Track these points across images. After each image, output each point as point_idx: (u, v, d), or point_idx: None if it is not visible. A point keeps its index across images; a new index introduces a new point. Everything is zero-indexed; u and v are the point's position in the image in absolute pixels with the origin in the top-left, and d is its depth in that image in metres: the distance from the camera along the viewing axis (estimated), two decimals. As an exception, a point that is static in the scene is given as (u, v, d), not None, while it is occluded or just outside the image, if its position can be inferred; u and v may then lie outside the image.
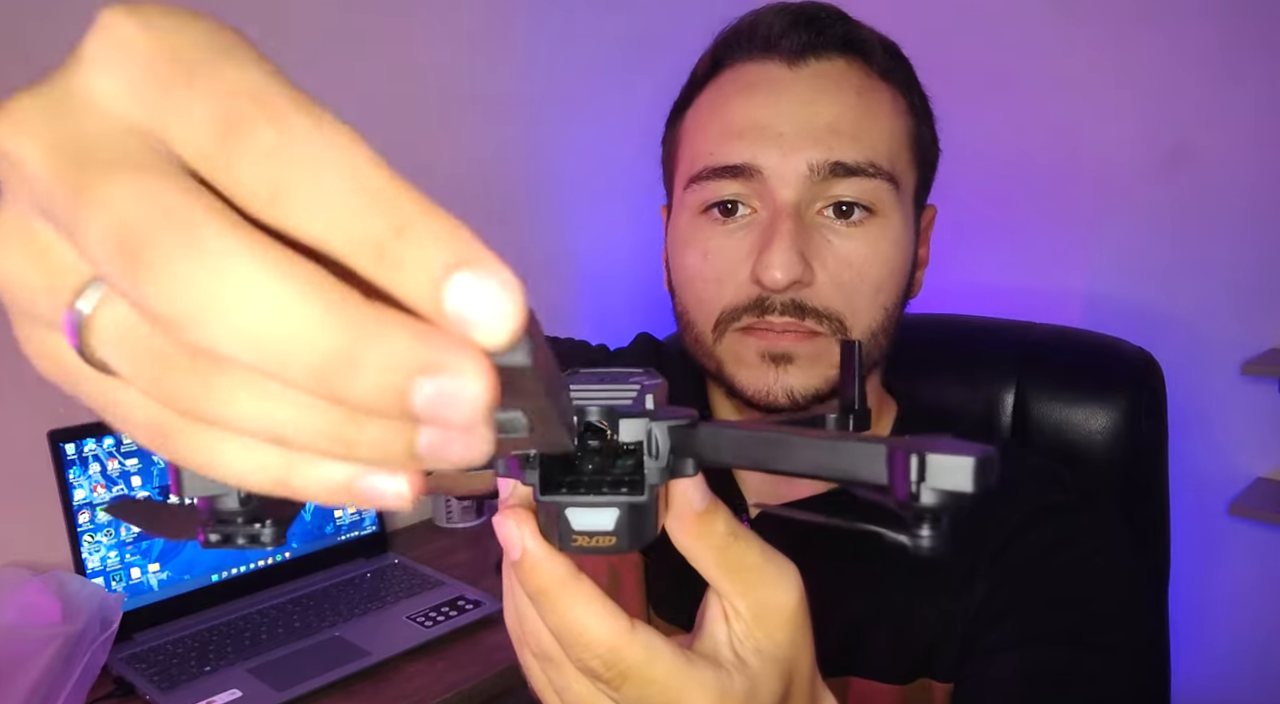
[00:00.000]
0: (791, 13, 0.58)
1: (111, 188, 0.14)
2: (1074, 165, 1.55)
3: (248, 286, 0.13)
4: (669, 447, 0.25)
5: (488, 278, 0.14)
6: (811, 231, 0.55)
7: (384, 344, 0.14)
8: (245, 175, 0.14)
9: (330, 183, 0.14)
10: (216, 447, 0.16)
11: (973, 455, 0.20)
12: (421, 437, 0.15)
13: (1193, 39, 1.41)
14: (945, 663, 0.57)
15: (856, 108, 0.56)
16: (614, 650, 0.28)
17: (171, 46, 0.15)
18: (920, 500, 0.20)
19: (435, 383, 0.14)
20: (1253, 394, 1.42)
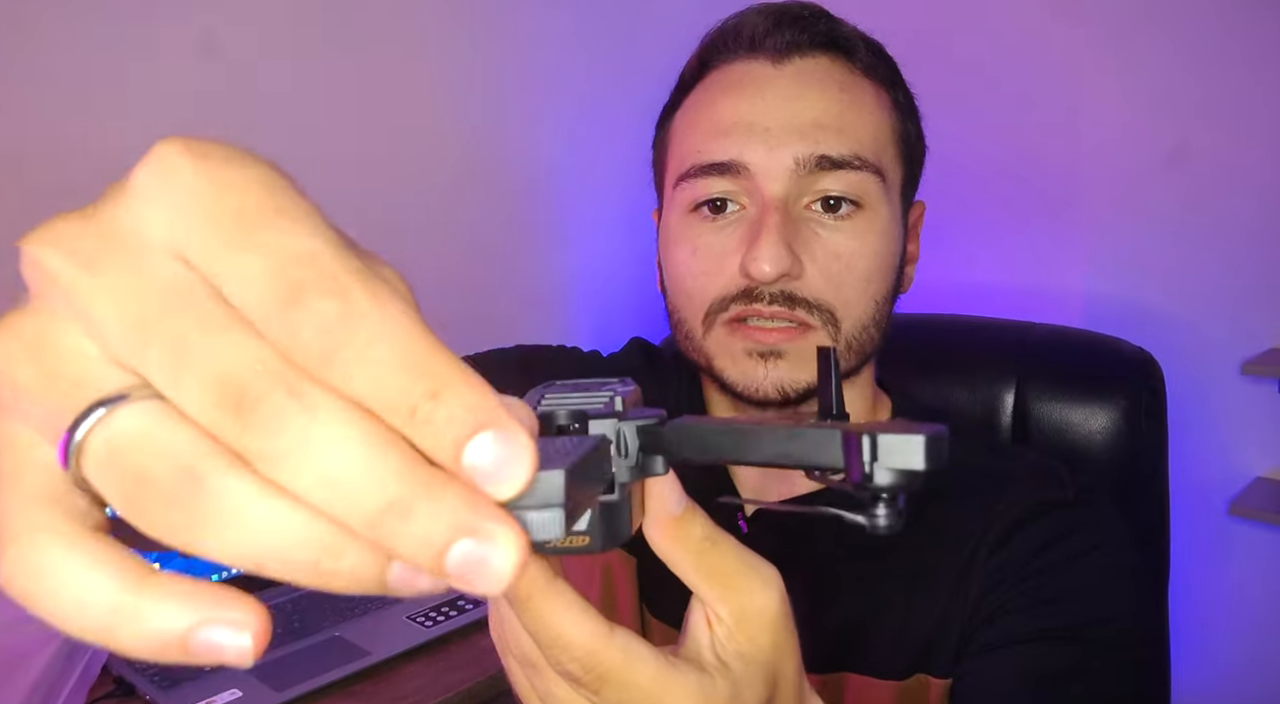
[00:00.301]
0: (775, 13, 0.59)
1: (215, 341, 0.16)
2: (1074, 165, 1.55)
3: (341, 437, 0.16)
4: (638, 445, 0.25)
5: (504, 440, 0.16)
6: (799, 225, 0.56)
7: (438, 503, 0.16)
8: (305, 340, 0.16)
9: (381, 352, 0.16)
10: (55, 574, 0.16)
11: (922, 434, 0.21)
12: (394, 570, 0.17)
13: (1193, 39, 1.41)
14: (942, 659, 0.57)
15: (840, 103, 0.57)
16: (592, 654, 0.28)
17: (232, 199, 0.16)
18: (874, 480, 0.21)
19: (474, 547, 0.16)
20: (1253, 394, 1.42)
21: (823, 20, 0.59)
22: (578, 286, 1.70)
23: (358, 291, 0.16)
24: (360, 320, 0.16)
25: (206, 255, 0.16)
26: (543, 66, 1.58)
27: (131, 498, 0.16)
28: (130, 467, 0.16)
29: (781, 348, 0.56)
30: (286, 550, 0.16)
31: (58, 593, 0.16)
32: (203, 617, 0.16)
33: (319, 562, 0.16)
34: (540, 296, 1.65)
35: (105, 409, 0.16)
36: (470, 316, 1.43)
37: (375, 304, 0.16)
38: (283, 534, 0.16)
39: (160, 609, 0.16)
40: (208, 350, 0.16)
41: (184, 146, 0.17)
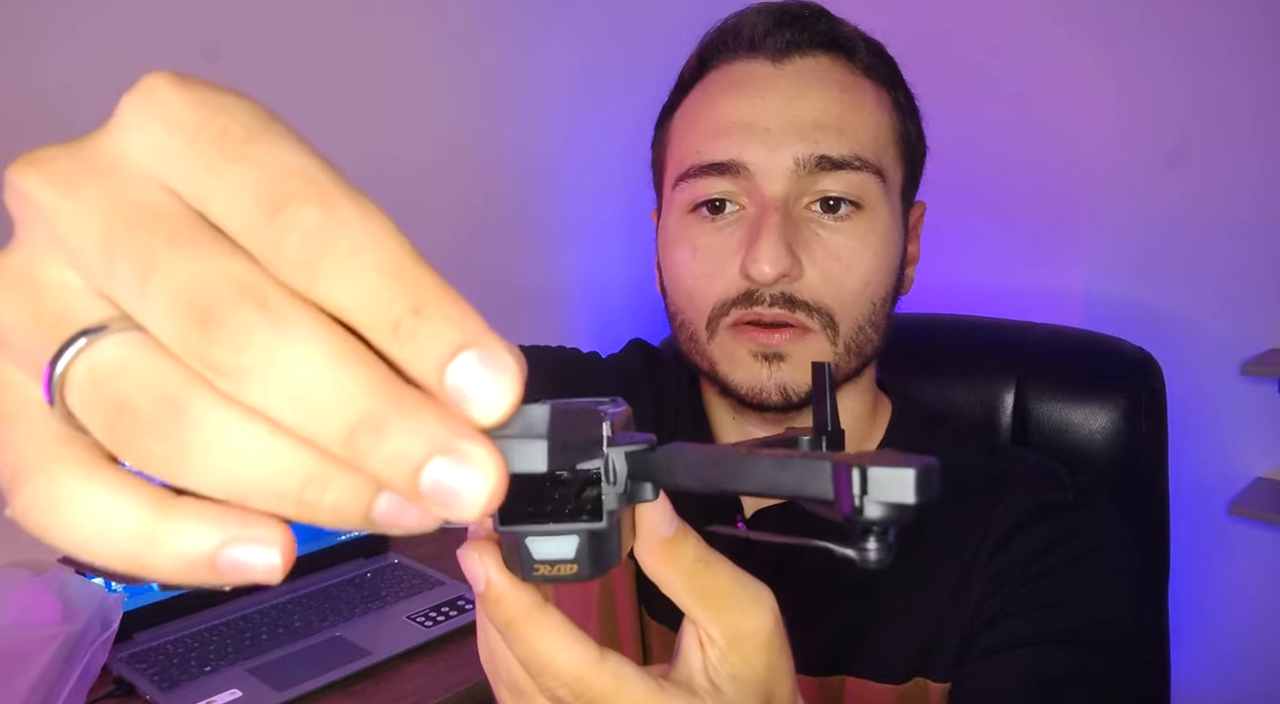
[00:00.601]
0: (775, 12, 0.59)
1: (181, 256, 0.15)
2: (1074, 165, 1.55)
3: (310, 351, 0.15)
4: (626, 472, 0.25)
5: (489, 361, 0.16)
6: (799, 226, 0.56)
7: (414, 420, 0.15)
8: (288, 249, 0.16)
9: (364, 262, 0.16)
10: (76, 504, 0.16)
11: (913, 467, 0.20)
12: (380, 502, 0.16)
13: (1193, 39, 1.41)
14: (942, 663, 0.57)
15: (841, 103, 0.56)
16: (581, 679, 0.28)
17: (217, 121, 0.16)
18: (864, 514, 0.20)
19: (449, 466, 0.15)
20: (1253, 394, 1.42)
21: (823, 20, 0.59)
22: (577, 287, 1.70)
23: (344, 202, 0.16)
24: (345, 230, 0.16)
25: (191, 176, 0.16)
26: (541, 66, 1.58)
27: (114, 428, 0.16)
28: (112, 396, 0.16)
29: (784, 350, 0.56)
30: (270, 479, 0.16)
31: (80, 523, 0.16)
32: (230, 535, 0.16)
33: (303, 491, 0.16)
34: (539, 297, 1.65)
35: (86, 339, 0.16)
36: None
37: (361, 215, 0.16)
38: (265, 462, 0.16)
39: (187, 529, 0.16)
40: (173, 264, 0.15)
41: (170, 76, 0.17)
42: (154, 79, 0.17)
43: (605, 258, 1.71)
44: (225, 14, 1.22)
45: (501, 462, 0.16)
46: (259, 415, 0.16)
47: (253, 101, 0.17)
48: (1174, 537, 0.84)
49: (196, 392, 0.16)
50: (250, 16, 1.24)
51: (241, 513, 0.16)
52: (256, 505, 0.16)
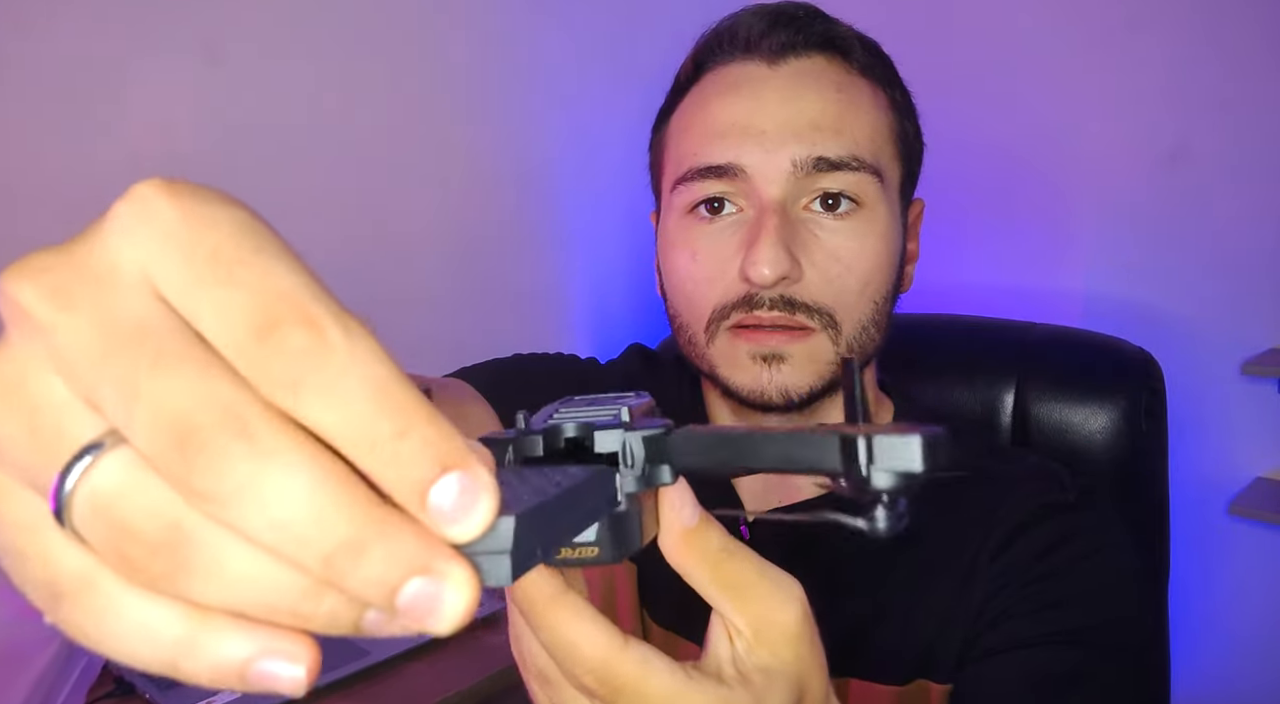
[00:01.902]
0: (770, 14, 0.59)
1: (167, 379, 0.16)
2: (1074, 165, 1.55)
3: (289, 479, 0.16)
4: (644, 455, 0.25)
5: (469, 483, 0.16)
6: (798, 227, 0.56)
7: (391, 543, 0.16)
8: (275, 371, 0.16)
9: (348, 384, 0.16)
10: (119, 615, 0.17)
11: (919, 435, 0.21)
12: (369, 614, 0.17)
13: (1193, 39, 1.41)
14: (944, 664, 0.57)
15: (837, 103, 0.56)
16: (606, 665, 0.28)
17: (210, 237, 0.17)
18: (872, 483, 0.21)
19: (425, 585, 0.16)
20: (1253, 394, 1.42)
21: (818, 20, 0.59)
22: (576, 291, 1.70)
23: (331, 325, 0.16)
24: (331, 353, 0.16)
25: (183, 292, 0.17)
26: (540, 67, 1.58)
27: (121, 551, 0.16)
28: (115, 520, 0.16)
29: (784, 351, 0.56)
30: (266, 596, 0.16)
31: (125, 633, 0.17)
32: (261, 648, 0.17)
33: (297, 606, 0.17)
34: (538, 302, 1.64)
35: (87, 460, 0.16)
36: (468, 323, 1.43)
37: (347, 338, 0.16)
38: (261, 580, 0.16)
39: (222, 642, 0.17)
40: (158, 387, 0.16)
41: (162, 186, 0.17)
42: (146, 188, 0.17)
43: (605, 262, 1.71)
44: (225, 17, 1.22)
45: (475, 578, 0.16)
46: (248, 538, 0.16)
47: (244, 211, 0.17)
48: (1174, 537, 0.84)
49: (194, 515, 0.16)
50: (248, 20, 1.24)
51: (272, 628, 0.17)
52: (257, 617, 0.17)
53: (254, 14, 1.25)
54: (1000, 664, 0.54)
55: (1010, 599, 0.55)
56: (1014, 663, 0.53)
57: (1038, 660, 0.53)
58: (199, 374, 0.16)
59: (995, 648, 0.54)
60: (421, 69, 1.44)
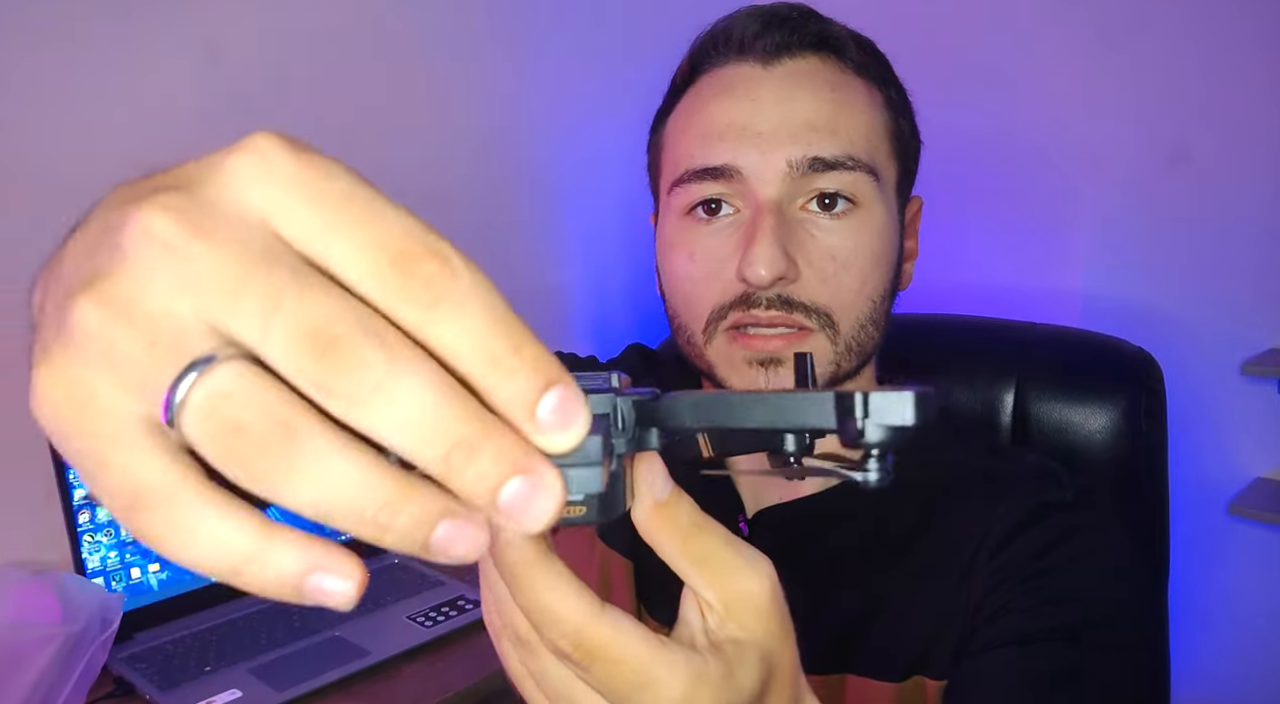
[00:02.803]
0: (764, 15, 0.59)
1: (307, 294, 0.18)
2: (1074, 165, 1.55)
3: (418, 383, 0.18)
4: (634, 419, 0.26)
5: (570, 399, 0.19)
6: (794, 227, 0.56)
7: (500, 444, 0.18)
8: (412, 293, 0.18)
9: (475, 306, 0.19)
10: (195, 526, 0.18)
11: (911, 391, 0.22)
12: (439, 529, 0.19)
13: (1194, 39, 1.41)
14: (941, 661, 0.57)
15: (832, 103, 0.57)
16: (580, 630, 0.28)
17: (333, 186, 0.19)
18: (866, 436, 0.22)
19: (523, 486, 0.18)
20: (1253, 394, 1.42)
21: (812, 20, 0.59)
22: (576, 292, 1.70)
23: (455, 258, 0.19)
24: (459, 280, 0.19)
25: (311, 233, 0.19)
26: (540, 68, 1.58)
27: (229, 448, 0.18)
28: (228, 419, 0.18)
29: (781, 355, 0.56)
30: (354, 500, 0.18)
31: (197, 542, 0.18)
32: (317, 563, 0.18)
33: (379, 513, 0.18)
34: (538, 303, 1.64)
35: (202, 367, 0.18)
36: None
37: (469, 270, 0.19)
38: (354, 484, 0.18)
39: (283, 556, 0.18)
40: (300, 300, 0.18)
41: (279, 139, 0.19)
42: (262, 140, 0.19)
43: (604, 262, 1.71)
44: (228, 17, 1.22)
45: (564, 483, 0.19)
46: (357, 441, 0.18)
47: (353, 170, 0.20)
48: (1174, 537, 0.84)
49: (306, 416, 0.18)
50: (251, 21, 1.24)
51: (328, 546, 0.19)
52: (339, 524, 0.18)
53: (254, 15, 1.25)
54: (996, 660, 0.54)
55: (1008, 596, 0.55)
56: (1010, 659, 0.53)
57: (1034, 657, 0.53)
58: (333, 294, 0.18)
59: (991, 643, 0.54)
60: (422, 70, 1.44)
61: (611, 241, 1.70)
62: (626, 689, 0.28)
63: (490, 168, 1.53)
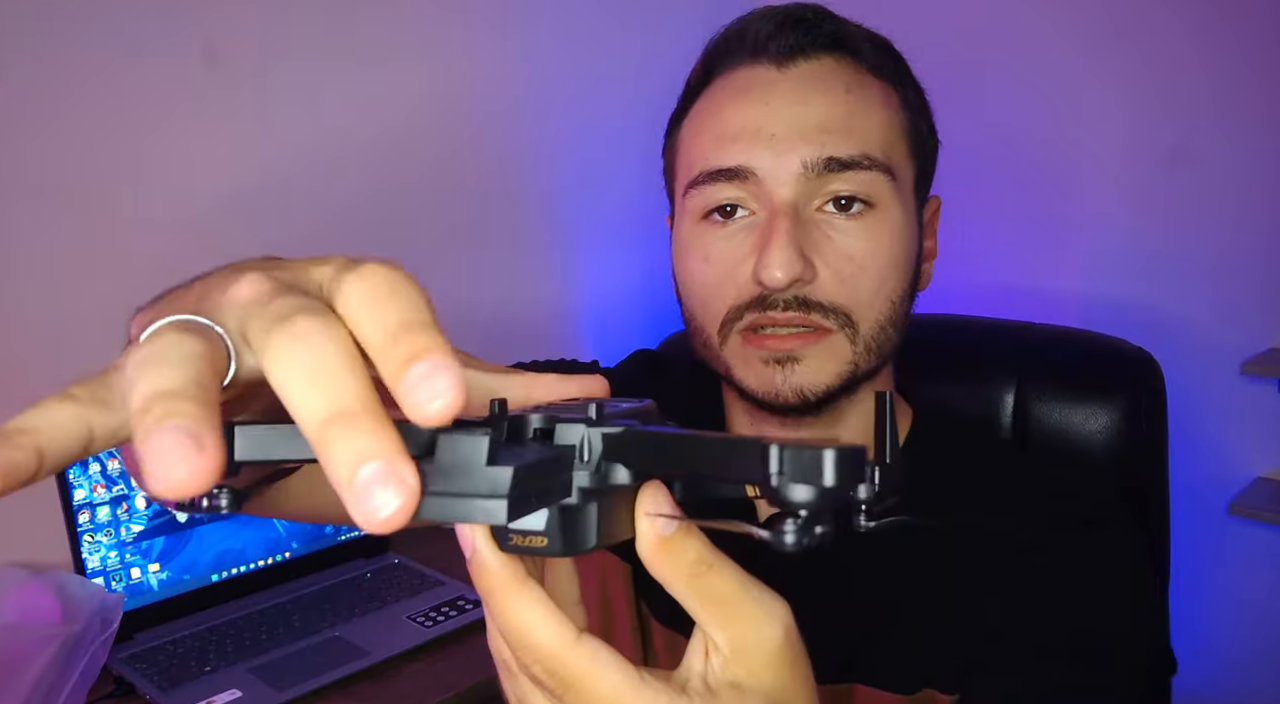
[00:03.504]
0: (778, 16, 0.59)
1: (311, 318, 0.23)
2: (1074, 165, 1.55)
3: (331, 353, 0.22)
4: (600, 451, 0.25)
5: (437, 370, 0.21)
6: (810, 228, 0.56)
7: (377, 424, 0.21)
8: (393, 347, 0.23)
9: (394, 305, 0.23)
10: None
11: (833, 449, 0.20)
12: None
13: (1194, 39, 1.41)
14: (952, 675, 0.56)
15: (847, 104, 0.56)
16: (555, 657, 0.27)
17: (391, 304, 0.23)
18: (783, 494, 0.20)
19: (382, 470, 0.20)
20: (1253, 394, 1.42)
21: (826, 21, 0.59)
22: (580, 296, 1.70)
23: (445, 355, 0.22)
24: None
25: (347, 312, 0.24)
26: (544, 69, 1.58)
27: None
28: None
29: (798, 353, 0.56)
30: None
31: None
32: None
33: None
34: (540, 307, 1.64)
35: None
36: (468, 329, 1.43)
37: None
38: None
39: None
40: (302, 322, 0.22)
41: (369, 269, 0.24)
42: (365, 268, 0.24)
43: (611, 266, 1.70)
44: (225, 17, 1.22)
45: (418, 488, 0.20)
46: (359, 358, 0.22)
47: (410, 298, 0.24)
48: (1174, 537, 0.84)
49: (324, 314, 0.23)
50: (249, 21, 1.24)
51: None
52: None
53: (253, 17, 1.25)
54: (1008, 675, 0.53)
55: (1021, 610, 0.55)
56: (1021, 675, 0.53)
57: (1047, 674, 0.52)
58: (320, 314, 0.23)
59: (1003, 658, 0.54)
60: (422, 72, 1.44)
61: (617, 243, 1.70)
62: None
63: (491, 168, 1.53)
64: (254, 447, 0.25)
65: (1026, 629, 0.54)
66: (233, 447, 0.24)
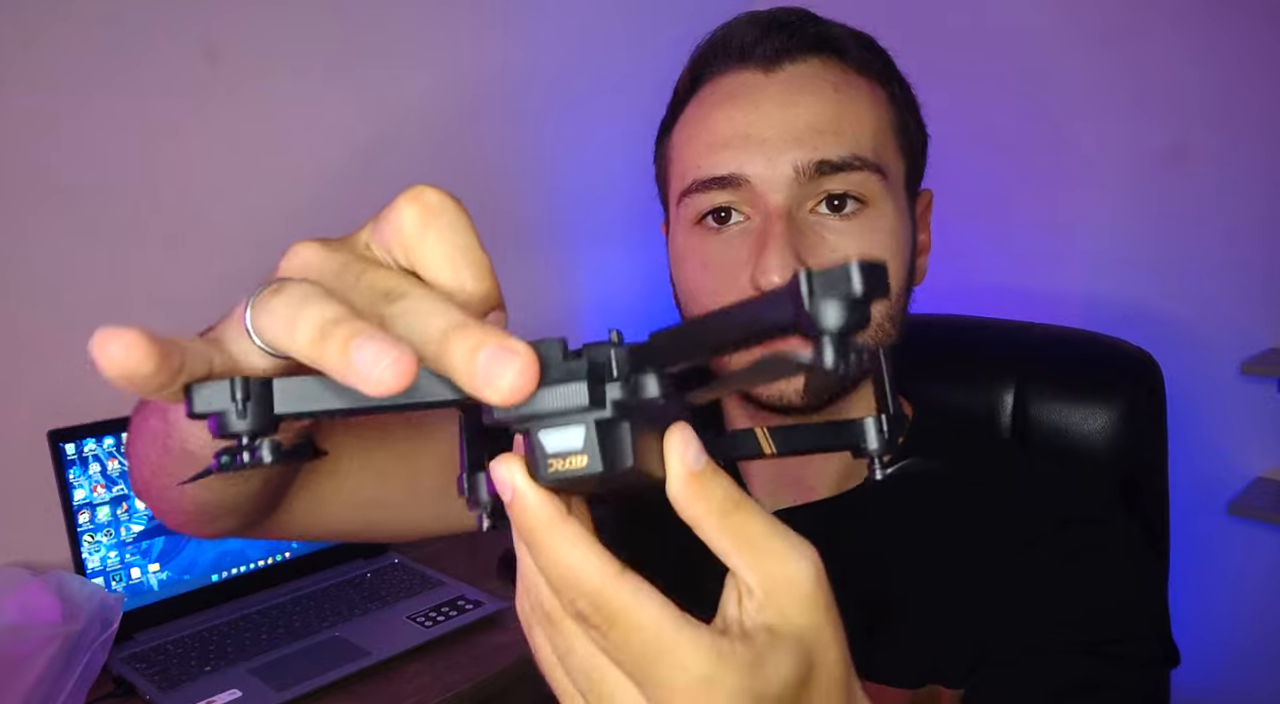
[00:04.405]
0: (762, 20, 0.59)
1: (385, 274, 0.28)
2: (1074, 165, 1.55)
3: (431, 300, 0.26)
4: (629, 365, 0.26)
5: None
6: (805, 231, 0.56)
7: (484, 330, 0.25)
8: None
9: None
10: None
11: (856, 260, 0.21)
12: (360, 342, 0.23)
13: (1194, 39, 1.41)
14: (956, 669, 0.56)
15: (835, 104, 0.57)
16: (600, 591, 0.27)
17: (435, 228, 0.29)
18: (819, 315, 0.21)
19: (499, 350, 0.24)
20: (1253, 394, 1.42)
21: (810, 23, 0.59)
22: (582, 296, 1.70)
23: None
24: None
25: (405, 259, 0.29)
26: (544, 70, 1.58)
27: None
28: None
29: None
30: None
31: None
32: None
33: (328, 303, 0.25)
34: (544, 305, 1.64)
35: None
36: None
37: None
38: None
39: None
40: (374, 277, 0.28)
41: (424, 198, 0.29)
42: (419, 197, 0.29)
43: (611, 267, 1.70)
44: (224, 16, 1.22)
45: (533, 357, 0.24)
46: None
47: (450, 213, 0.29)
48: (1174, 537, 0.84)
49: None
50: (247, 19, 1.24)
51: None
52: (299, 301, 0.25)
53: (254, 17, 1.25)
54: (1015, 671, 0.53)
55: (1027, 606, 0.55)
56: (1028, 670, 0.53)
57: (1051, 667, 0.52)
58: (394, 274, 0.28)
59: (1010, 653, 0.54)
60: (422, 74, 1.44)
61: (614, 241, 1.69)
62: (646, 658, 0.27)
63: (492, 168, 1.53)
64: (293, 399, 0.26)
65: (1032, 622, 0.55)
66: (271, 400, 0.25)
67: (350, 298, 0.26)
